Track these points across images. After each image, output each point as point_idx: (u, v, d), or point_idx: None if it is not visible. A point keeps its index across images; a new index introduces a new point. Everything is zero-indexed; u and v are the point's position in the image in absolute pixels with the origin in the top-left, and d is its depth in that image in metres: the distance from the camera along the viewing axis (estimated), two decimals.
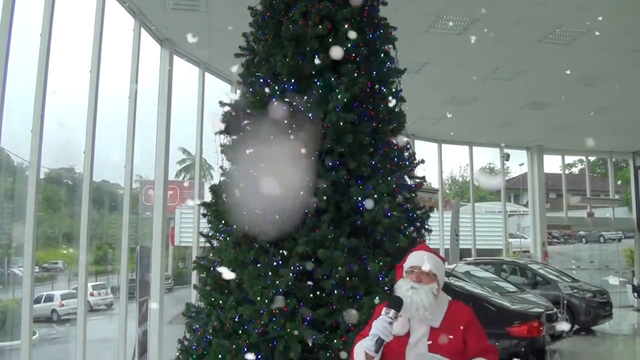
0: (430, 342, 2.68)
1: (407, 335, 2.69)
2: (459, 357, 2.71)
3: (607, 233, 26.90)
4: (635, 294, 18.93)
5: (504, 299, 8.20)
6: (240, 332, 3.49)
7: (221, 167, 4.19)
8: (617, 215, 22.18)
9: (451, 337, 2.71)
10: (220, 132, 4.14)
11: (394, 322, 2.62)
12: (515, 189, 37.62)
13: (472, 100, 13.30)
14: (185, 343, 3.92)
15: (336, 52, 3.78)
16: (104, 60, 8.04)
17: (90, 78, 8.10)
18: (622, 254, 23.85)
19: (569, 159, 29.48)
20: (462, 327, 2.76)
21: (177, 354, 3.94)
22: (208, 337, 3.64)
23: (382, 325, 2.59)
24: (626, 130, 16.66)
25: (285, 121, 3.69)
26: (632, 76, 11.13)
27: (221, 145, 4.20)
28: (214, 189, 4.04)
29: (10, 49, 6.33)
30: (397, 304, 2.67)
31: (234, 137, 4.07)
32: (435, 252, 3.00)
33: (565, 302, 12.37)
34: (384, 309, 2.65)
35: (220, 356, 3.46)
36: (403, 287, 2.78)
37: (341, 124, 3.65)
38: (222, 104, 4.23)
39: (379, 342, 2.59)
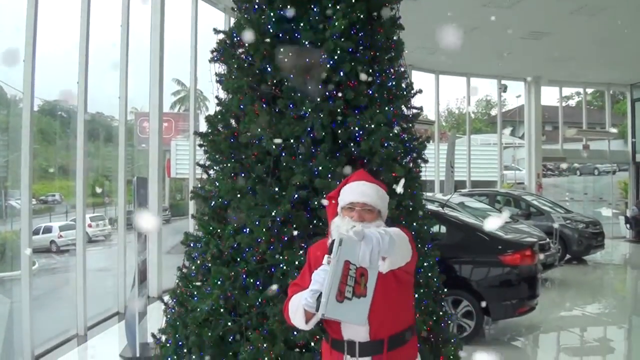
0: (378, 290, 2.25)
1: None
2: (404, 297, 2.47)
3: (602, 166, 27.08)
4: (628, 225, 19.25)
5: (498, 229, 8.32)
6: (238, 259, 3.55)
7: (216, 97, 4.15)
8: (613, 148, 22.24)
9: (396, 280, 2.37)
10: (215, 61, 4.07)
11: None
12: (511, 121, 37.51)
13: (471, 29, 13.06)
14: (185, 270, 3.99)
15: None
16: None
17: (82, 7, 7.92)
18: (616, 187, 24.09)
19: (567, 91, 29.27)
20: (406, 266, 2.38)
21: (177, 281, 4.01)
22: (207, 264, 3.70)
23: (324, 278, 2.15)
24: (624, 62, 16.51)
25: (281, 49, 3.63)
26: (632, 6, 10.93)
27: (216, 75, 4.14)
28: (210, 119, 4.00)
29: None
30: None
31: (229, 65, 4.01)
32: (375, 180, 2.58)
33: (558, 232, 12.58)
34: (326, 256, 2.22)
35: (219, 282, 3.53)
36: (342, 228, 2.28)
37: (338, 52, 3.59)
38: (216, 31, 4.15)
39: (321, 298, 2.15)
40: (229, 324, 3.49)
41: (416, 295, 3.77)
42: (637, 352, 7.20)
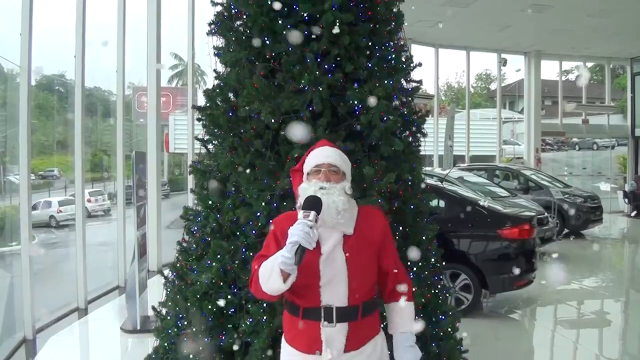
0: (347, 253, 2.38)
1: (317, 245, 2.28)
2: (374, 264, 2.49)
3: (601, 140, 27.08)
4: (626, 200, 19.33)
5: (496, 203, 8.35)
6: (238, 233, 3.55)
7: (214, 71, 4.11)
8: (612, 122, 22.22)
9: (367, 244, 2.45)
10: (213, 34, 4.03)
11: (315, 227, 2.22)
12: (510, 96, 37.36)
13: (472, 1, 12.95)
14: (184, 244, 4.00)
15: None
16: None
17: None
18: (614, 161, 24.12)
19: (566, 65, 29.08)
20: (377, 234, 2.50)
21: (177, 255, 4.02)
22: (206, 238, 3.71)
23: (302, 231, 2.17)
24: (625, 36, 16.40)
25: (280, 21, 3.59)
26: None
27: (214, 48, 4.10)
28: (208, 93, 3.97)
29: None
30: (315, 204, 2.26)
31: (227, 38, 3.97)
32: (337, 146, 2.65)
33: (556, 206, 12.62)
34: (302, 211, 2.25)
35: (219, 256, 3.55)
36: (310, 190, 2.35)
37: (338, 24, 3.55)
38: (213, 3, 4.09)
39: (301, 251, 2.18)
40: (229, 296, 3.51)
41: (414, 269, 3.80)
42: (634, 325, 7.28)
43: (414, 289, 3.63)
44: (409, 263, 3.75)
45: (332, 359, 2.36)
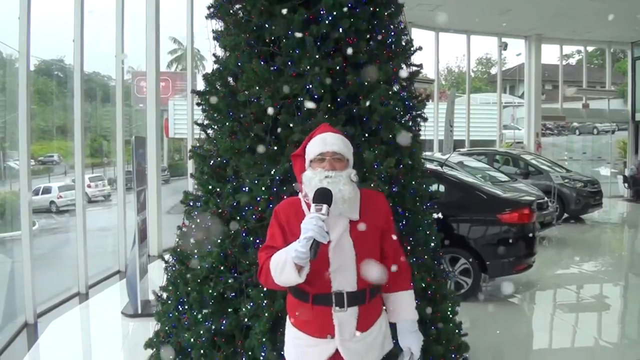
0: (354, 239, 2.41)
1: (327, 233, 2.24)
2: (378, 248, 2.52)
3: (601, 125, 27.03)
4: (626, 185, 19.35)
5: (496, 188, 8.36)
6: (238, 218, 3.56)
7: (214, 55, 4.09)
8: (612, 107, 22.17)
9: (372, 229, 2.46)
10: (211, 17, 4.00)
11: (326, 220, 2.22)
12: (511, 80, 37.23)
13: None
14: (185, 229, 4.00)
15: None
16: None
17: None
18: (614, 146, 24.10)
19: (567, 50, 28.97)
20: (381, 218, 2.53)
21: (177, 239, 4.03)
22: (207, 223, 3.71)
23: (316, 225, 2.16)
24: (626, 20, 16.29)
25: (278, 5, 3.56)
26: None
27: (213, 32, 4.08)
28: (208, 77, 3.96)
29: None
30: (327, 196, 2.26)
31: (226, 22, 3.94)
32: (338, 131, 2.63)
33: (556, 191, 12.63)
34: (314, 205, 2.24)
35: (219, 241, 3.55)
36: (315, 179, 2.36)
37: (337, 7, 3.52)
38: None
39: (315, 245, 2.17)
40: (230, 281, 3.52)
41: (415, 253, 3.81)
42: (633, 309, 7.31)
43: (414, 273, 3.66)
44: (408, 247, 3.77)
45: (344, 341, 2.41)
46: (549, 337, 6.15)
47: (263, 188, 3.47)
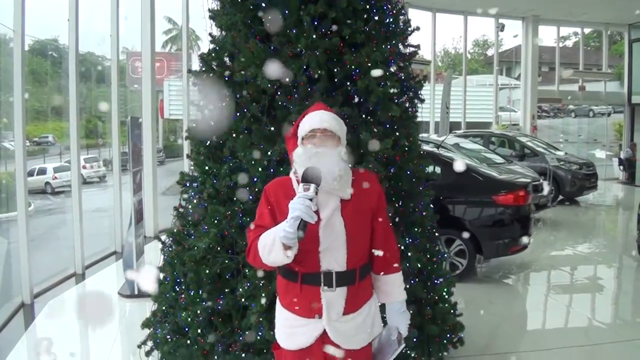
0: (345, 218, 2.38)
1: (316, 212, 2.21)
2: (369, 229, 2.49)
3: (597, 107, 27.01)
4: (621, 167, 19.40)
5: (492, 170, 8.37)
6: (234, 198, 3.56)
7: (210, 34, 4.06)
8: (609, 89, 22.14)
9: (363, 209, 2.45)
10: None
11: (315, 199, 2.19)
12: (507, 62, 37.11)
13: None
14: (181, 210, 4.01)
15: None
16: None
17: None
18: (610, 129, 24.10)
19: (564, 31, 28.82)
20: (373, 199, 2.49)
21: (174, 220, 4.03)
22: (203, 204, 3.71)
23: (303, 205, 2.14)
24: (623, 1, 16.22)
25: None
26: None
27: (209, 11, 4.04)
28: (204, 57, 3.93)
29: None
30: (315, 176, 2.21)
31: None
32: (332, 109, 2.60)
33: (551, 173, 12.66)
34: (302, 184, 2.21)
35: (216, 221, 3.56)
36: (305, 155, 2.34)
37: None
38: None
39: (303, 225, 2.15)
40: (227, 261, 3.53)
41: (410, 233, 3.82)
42: (626, 290, 7.37)
43: (409, 254, 3.68)
44: (401, 229, 3.78)
45: (331, 321, 2.39)
46: (543, 318, 6.20)
47: (259, 169, 3.47)
